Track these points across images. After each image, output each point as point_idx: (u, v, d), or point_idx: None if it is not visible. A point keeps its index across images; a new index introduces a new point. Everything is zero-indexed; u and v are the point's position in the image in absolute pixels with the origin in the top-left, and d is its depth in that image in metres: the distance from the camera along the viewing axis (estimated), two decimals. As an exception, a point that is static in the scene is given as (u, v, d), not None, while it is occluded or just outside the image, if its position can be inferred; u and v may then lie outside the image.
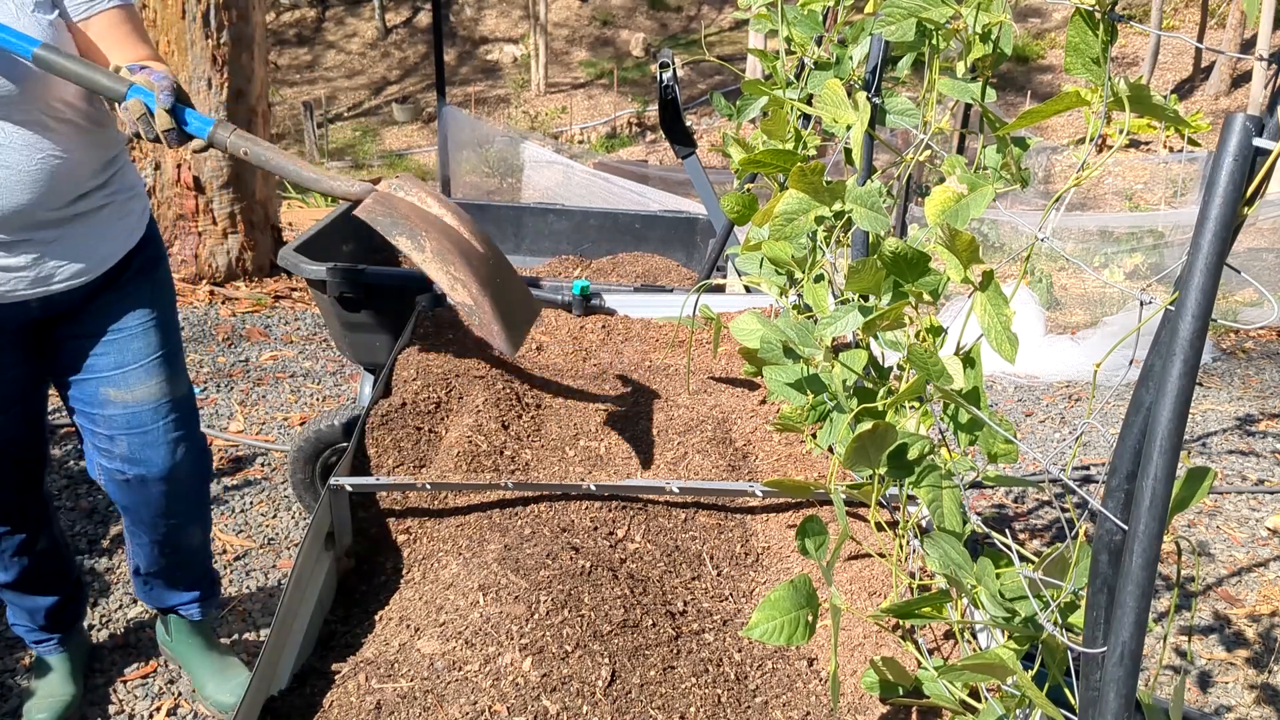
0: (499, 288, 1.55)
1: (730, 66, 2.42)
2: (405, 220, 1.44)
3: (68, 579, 2.24)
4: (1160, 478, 0.75)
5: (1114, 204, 12.95)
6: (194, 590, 2.23)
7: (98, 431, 1.92)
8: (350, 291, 2.83)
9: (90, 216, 1.79)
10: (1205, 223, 0.72)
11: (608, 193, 7.51)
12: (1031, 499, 3.73)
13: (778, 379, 1.68)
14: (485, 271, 1.53)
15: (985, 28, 1.29)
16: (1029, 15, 20.87)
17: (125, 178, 1.88)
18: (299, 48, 23.00)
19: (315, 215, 7.74)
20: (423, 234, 1.43)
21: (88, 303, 1.84)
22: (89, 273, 1.79)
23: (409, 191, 1.61)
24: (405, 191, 1.61)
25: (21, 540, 2.07)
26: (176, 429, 1.96)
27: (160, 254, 1.99)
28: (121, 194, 1.86)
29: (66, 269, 1.76)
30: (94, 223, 1.80)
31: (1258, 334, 6.01)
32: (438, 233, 1.47)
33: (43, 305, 1.78)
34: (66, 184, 1.72)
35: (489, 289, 1.47)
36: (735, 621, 1.41)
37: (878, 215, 1.35)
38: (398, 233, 1.42)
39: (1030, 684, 0.94)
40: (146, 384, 1.90)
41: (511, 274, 1.70)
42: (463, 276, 1.41)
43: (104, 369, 1.88)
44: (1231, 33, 17.34)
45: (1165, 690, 2.64)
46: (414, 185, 1.64)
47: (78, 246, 1.77)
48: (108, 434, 1.91)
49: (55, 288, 1.76)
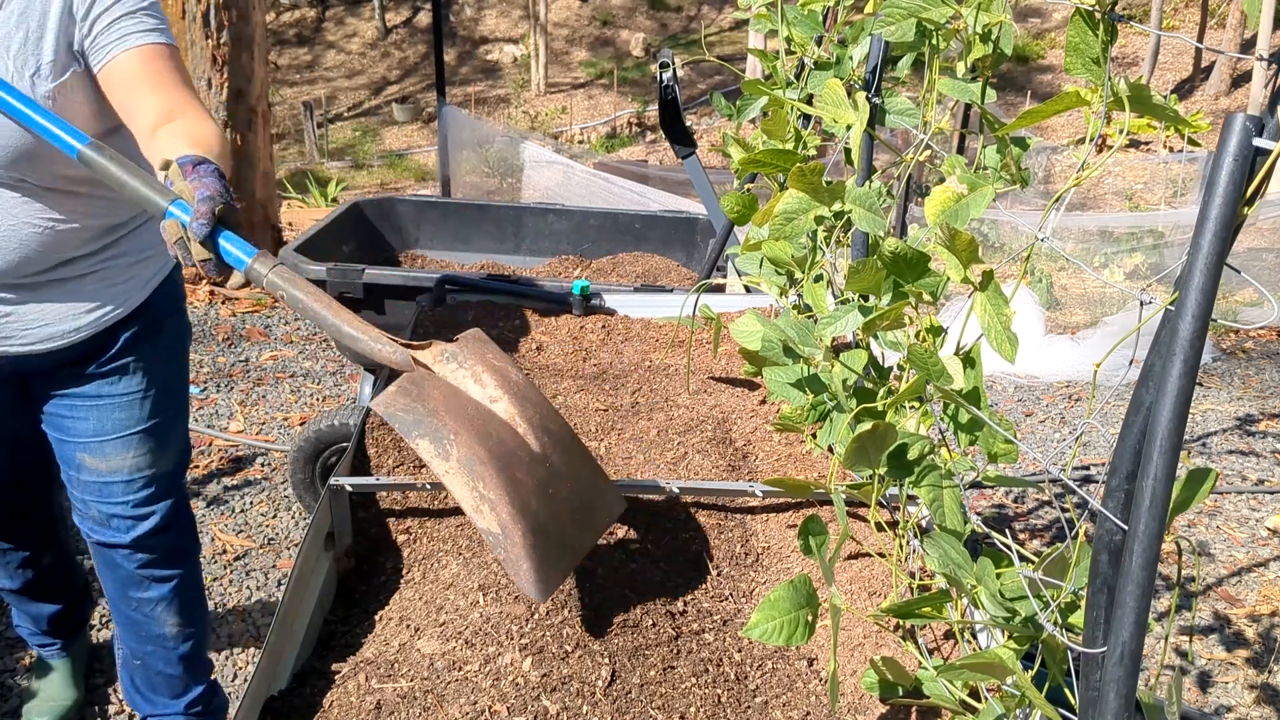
0: (550, 504, 1.26)
1: (730, 66, 2.42)
2: (432, 418, 1.19)
3: (73, 588, 2.21)
4: (1160, 478, 0.75)
5: (1114, 204, 12.95)
6: (178, 700, 2.01)
7: (72, 489, 1.82)
8: (350, 291, 2.83)
9: (68, 283, 1.64)
10: (1205, 223, 0.72)
11: (608, 193, 7.50)
12: (1031, 499, 3.73)
13: (778, 379, 1.68)
14: (533, 482, 1.25)
15: (985, 28, 1.29)
16: (1029, 15, 20.87)
17: (138, 240, 1.73)
18: (299, 48, 22.99)
19: (315, 215, 7.75)
20: (451, 437, 1.17)
21: (70, 365, 1.71)
22: (58, 339, 1.65)
23: (465, 361, 1.32)
24: (460, 361, 1.32)
25: (26, 555, 2.03)
26: (150, 504, 1.82)
27: (170, 318, 1.83)
28: (123, 258, 1.71)
29: (31, 332, 1.63)
30: (71, 290, 1.65)
31: (1258, 334, 6.00)
32: (472, 435, 1.19)
33: (12, 362, 1.66)
34: (50, 252, 1.59)
35: (527, 513, 1.19)
36: (735, 621, 1.41)
37: (876, 216, 1.35)
38: (418, 434, 1.17)
39: (1030, 684, 0.94)
40: (123, 455, 1.77)
41: (581, 474, 1.38)
42: (493, 495, 1.15)
43: (80, 434, 1.76)
44: (1231, 33, 17.34)
45: (1165, 690, 2.64)
46: (474, 352, 1.34)
47: (47, 310, 1.63)
48: (80, 495, 1.81)
49: (14, 349, 1.63)
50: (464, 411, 1.23)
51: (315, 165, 15.71)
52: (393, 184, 14.90)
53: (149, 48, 1.51)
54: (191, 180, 1.33)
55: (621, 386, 2.05)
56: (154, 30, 1.53)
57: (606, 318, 2.43)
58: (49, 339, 1.64)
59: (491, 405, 1.28)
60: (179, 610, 1.92)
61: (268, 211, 5.62)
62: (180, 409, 1.88)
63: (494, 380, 1.30)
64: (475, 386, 1.30)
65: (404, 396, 1.20)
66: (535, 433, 1.30)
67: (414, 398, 1.20)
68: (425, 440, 1.17)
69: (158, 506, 1.83)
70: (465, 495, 1.15)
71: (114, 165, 1.36)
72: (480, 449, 1.18)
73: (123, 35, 1.50)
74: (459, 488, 1.15)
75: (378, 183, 14.95)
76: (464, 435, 1.18)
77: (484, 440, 1.20)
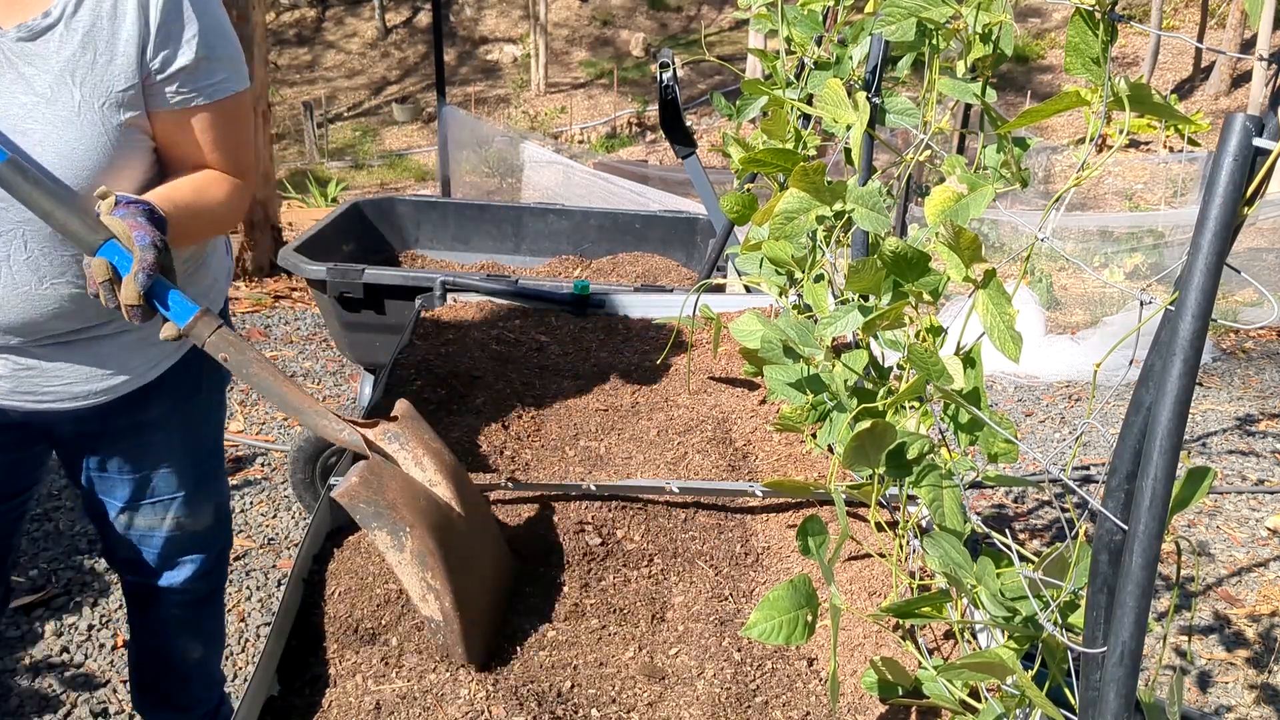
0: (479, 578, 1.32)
1: (730, 66, 2.42)
2: (390, 511, 1.22)
3: None
4: (1160, 478, 0.75)
5: (1114, 204, 12.95)
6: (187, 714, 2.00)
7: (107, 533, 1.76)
8: (350, 291, 2.83)
9: (98, 343, 1.52)
10: (1205, 223, 0.72)
11: (608, 193, 7.51)
12: (1031, 499, 3.73)
13: (778, 379, 1.68)
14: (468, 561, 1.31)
15: (985, 28, 1.29)
16: (1029, 15, 20.87)
17: None
18: (299, 48, 22.99)
19: (315, 215, 7.75)
20: (406, 530, 1.22)
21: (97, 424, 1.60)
22: (83, 399, 1.55)
23: (406, 443, 1.37)
24: (402, 443, 1.37)
25: None
26: (187, 553, 1.78)
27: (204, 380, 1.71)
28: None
29: (54, 390, 1.51)
30: (100, 350, 1.52)
31: (1258, 334, 6.00)
32: (424, 527, 1.24)
33: (26, 415, 1.55)
34: (84, 310, 1.45)
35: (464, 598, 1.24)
36: (735, 621, 1.41)
37: (878, 215, 1.35)
38: (378, 526, 1.21)
39: (1030, 684, 0.94)
40: (155, 516, 1.71)
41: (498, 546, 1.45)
42: (438, 586, 1.21)
43: (107, 493, 1.69)
44: (1231, 33, 17.34)
45: (1165, 690, 2.64)
46: (413, 433, 1.38)
47: (74, 370, 1.51)
48: (108, 535, 1.76)
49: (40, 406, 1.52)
50: (416, 502, 1.28)
51: (315, 165, 15.71)
52: (393, 184, 14.91)
53: (210, 109, 1.41)
54: (122, 216, 1.24)
55: (621, 386, 2.05)
56: (221, 84, 1.42)
57: (606, 318, 2.43)
58: (70, 399, 1.54)
59: (432, 488, 1.35)
60: (202, 641, 1.92)
61: (268, 211, 5.62)
62: (217, 468, 1.82)
63: (433, 464, 1.37)
64: (417, 469, 1.36)
65: (366, 489, 1.23)
66: (468, 512, 1.38)
67: (375, 490, 1.24)
68: (383, 533, 1.22)
69: (194, 557, 1.80)
70: (414, 585, 1.22)
71: (37, 189, 1.23)
72: (430, 540, 1.23)
73: (193, 91, 1.39)
74: (409, 578, 1.21)
75: (378, 183, 14.95)
76: (418, 529, 1.23)
77: (434, 532, 1.25)
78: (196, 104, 1.40)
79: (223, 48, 1.42)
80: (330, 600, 1.35)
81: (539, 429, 1.85)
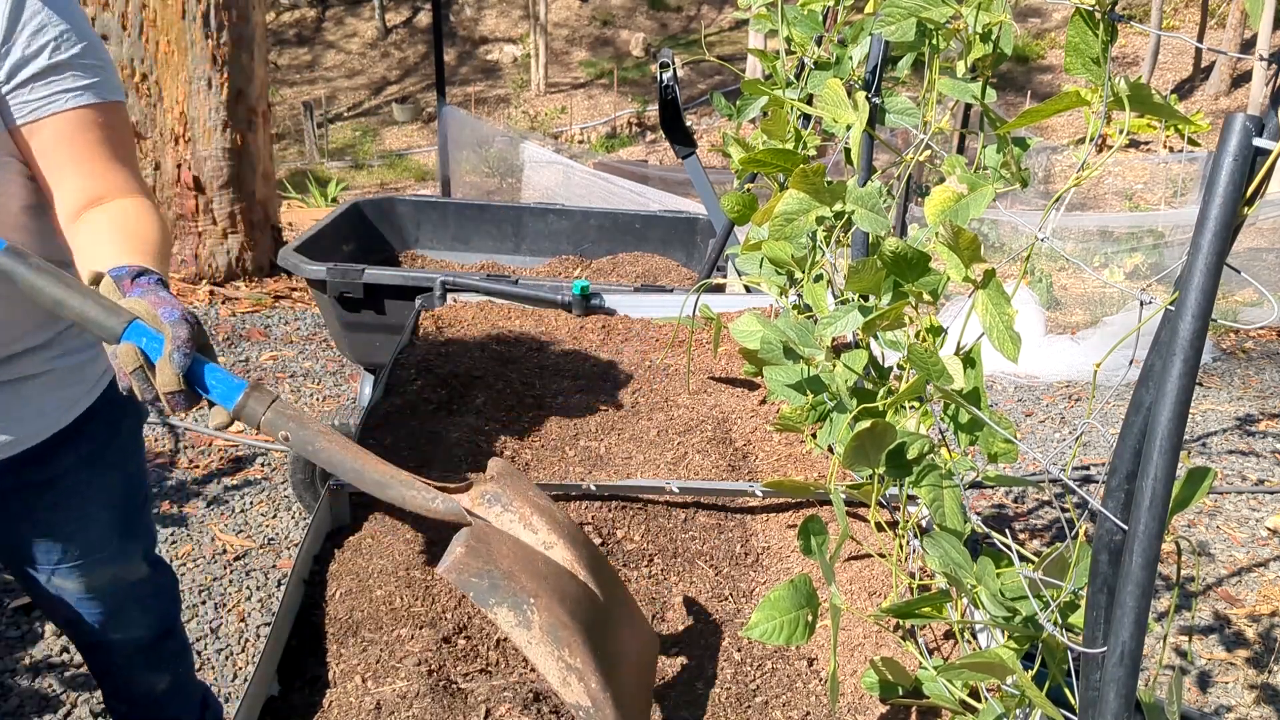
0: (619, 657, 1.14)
1: (730, 66, 2.42)
2: (509, 581, 1.05)
3: None
4: (1160, 478, 0.75)
5: (1114, 204, 12.95)
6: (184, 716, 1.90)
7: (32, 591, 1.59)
8: (350, 291, 2.83)
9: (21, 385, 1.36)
10: (1205, 223, 0.72)
11: (608, 193, 7.51)
12: (1031, 499, 3.73)
13: (778, 379, 1.68)
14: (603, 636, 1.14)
15: (985, 27, 1.29)
16: (1029, 15, 20.87)
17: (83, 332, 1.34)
18: (299, 48, 22.99)
19: (315, 215, 7.75)
20: (531, 601, 1.04)
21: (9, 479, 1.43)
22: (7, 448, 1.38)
23: (510, 504, 1.18)
24: (505, 504, 1.18)
25: None
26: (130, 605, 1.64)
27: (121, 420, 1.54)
28: (70, 356, 1.43)
29: None
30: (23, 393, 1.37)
31: (1258, 334, 6.00)
32: (550, 596, 1.07)
33: None
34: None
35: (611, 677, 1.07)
36: (735, 621, 1.41)
37: (878, 216, 1.35)
38: (496, 602, 1.04)
39: (1030, 684, 0.94)
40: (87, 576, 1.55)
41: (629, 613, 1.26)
42: (579, 664, 1.03)
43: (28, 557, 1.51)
44: (1231, 33, 17.34)
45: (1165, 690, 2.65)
46: (517, 492, 1.20)
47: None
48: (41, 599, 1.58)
49: None
50: (534, 568, 1.10)
51: (315, 165, 15.71)
52: (393, 184, 14.91)
53: (76, 114, 1.22)
54: (138, 296, 1.11)
55: (621, 386, 2.05)
56: (85, 89, 1.24)
57: (606, 318, 2.43)
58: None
59: (547, 551, 1.17)
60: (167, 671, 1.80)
61: (268, 211, 5.62)
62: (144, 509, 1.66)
63: (545, 524, 1.18)
64: (527, 532, 1.17)
65: (475, 559, 1.06)
66: (593, 579, 1.19)
67: (485, 559, 1.07)
68: (504, 608, 1.03)
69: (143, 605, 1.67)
70: (551, 667, 1.03)
71: (40, 277, 1.08)
72: (561, 611, 1.06)
73: (47, 96, 1.21)
74: (543, 659, 1.03)
75: (378, 183, 14.95)
76: (543, 598, 1.06)
77: (564, 602, 1.08)
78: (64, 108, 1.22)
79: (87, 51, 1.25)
80: (330, 601, 1.35)
81: (539, 429, 1.85)
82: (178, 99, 5.10)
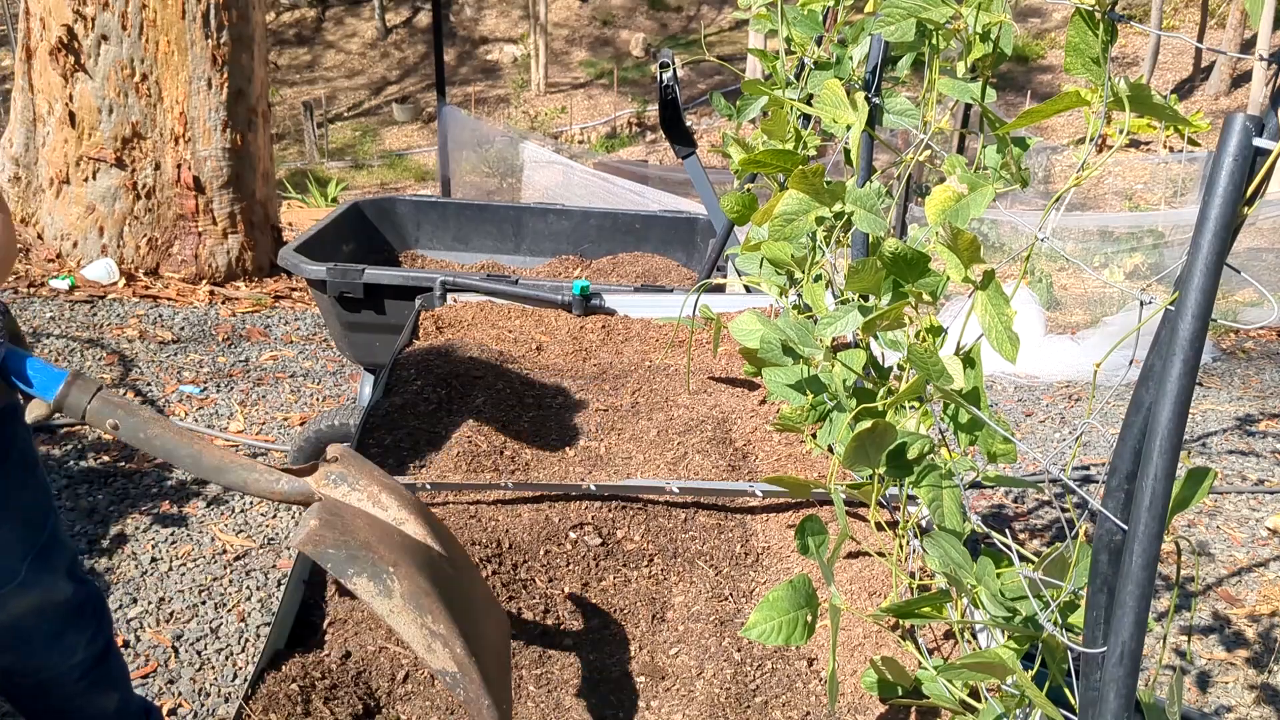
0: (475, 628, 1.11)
1: (730, 66, 2.42)
2: (365, 551, 1.03)
3: None
4: (1160, 478, 0.75)
5: (1114, 204, 12.95)
6: None
7: None
8: (350, 291, 2.83)
9: None
10: (1205, 223, 0.72)
11: (608, 193, 7.51)
12: (1031, 499, 3.73)
13: (778, 379, 1.68)
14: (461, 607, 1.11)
15: (985, 28, 1.29)
16: (1029, 15, 20.87)
17: None
18: (299, 48, 22.99)
19: (315, 215, 7.75)
20: (390, 570, 1.02)
21: None
22: None
23: (356, 482, 1.15)
24: (352, 484, 1.15)
25: None
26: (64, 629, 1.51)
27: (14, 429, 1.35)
28: None
29: None
30: None
31: (1258, 334, 6.00)
32: (408, 564, 1.05)
33: None
34: None
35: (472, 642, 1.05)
36: (735, 621, 1.41)
37: (877, 217, 1.35)
38: (355, 572, 1.01)
39: (1030, 684, 0.94)
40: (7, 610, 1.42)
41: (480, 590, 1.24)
42: (443, 630, 1.01)
43: None
44: (1231, 33, 17.34)
45: (1165, 690, 2.65)
46: (361, 470, 1.18)
47: None
48: None
49: None
50: (391, 540, 1.09)
51: (315, 165, 15.71)
52: (393, 184, 14.91)
53: None
54: None
55: (621, 386, 2.05)
56: None
57: (606, 318, 2.43)
58: None
59: (400, 526, 1.15)
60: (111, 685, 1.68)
61: (268, 211, 5.62)
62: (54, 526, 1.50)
63: (394, 501, 1.16)
64: (378, 510, 1.15)
65: (330, 530, 1.03)
66: (446, 550, 1.18)
67: (341, 530, 1.03)
68: (364, 578, 1.01)
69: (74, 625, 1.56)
70: (415, 635, 1.01)
71: None
72: (422, 579, 1.04)
73: None
74: (407, 626, 1.01)
75: (378, 183, 14.95)
76: (403, 567, 1.04)
77: (422, 570, 1.06)
78: None
79: None
80: (331, 601, 1.35)
81: (539, 429, 1.85)
82: (178, 99, 5.10)
